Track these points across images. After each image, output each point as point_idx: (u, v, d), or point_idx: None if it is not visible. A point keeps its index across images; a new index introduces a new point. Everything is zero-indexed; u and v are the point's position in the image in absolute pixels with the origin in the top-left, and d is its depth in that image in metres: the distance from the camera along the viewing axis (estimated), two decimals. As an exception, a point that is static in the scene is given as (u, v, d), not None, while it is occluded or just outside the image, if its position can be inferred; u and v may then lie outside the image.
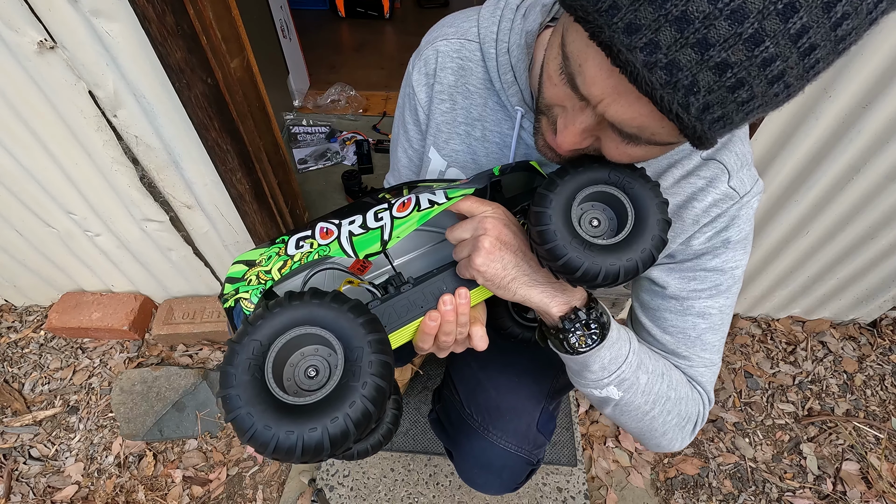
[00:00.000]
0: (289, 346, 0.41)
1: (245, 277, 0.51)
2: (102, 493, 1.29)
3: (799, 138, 1.03)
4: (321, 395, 0.40)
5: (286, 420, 0.38)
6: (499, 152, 0.65)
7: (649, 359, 0.59)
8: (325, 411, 0.38)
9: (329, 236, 0.52)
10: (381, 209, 0.54)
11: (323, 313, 0.42)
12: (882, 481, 1.27)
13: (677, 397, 0.60)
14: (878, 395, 1.46)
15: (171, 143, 1.07)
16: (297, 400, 0.39)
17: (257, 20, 1.96)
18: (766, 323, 1.61)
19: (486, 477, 0.83)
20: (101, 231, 1.33)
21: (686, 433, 0.63)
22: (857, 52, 0.86)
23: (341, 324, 0.42)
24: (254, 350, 0.40)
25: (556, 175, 0.49)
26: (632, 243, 0.46)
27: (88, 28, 0.86)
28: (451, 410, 0.87)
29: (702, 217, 0.57)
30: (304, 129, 2.30)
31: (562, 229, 0.46)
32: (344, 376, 0.40)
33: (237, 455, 1.35)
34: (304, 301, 0.42)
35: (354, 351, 0.41)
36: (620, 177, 0.47)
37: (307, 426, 0.38)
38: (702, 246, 0.59)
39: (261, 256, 0.52)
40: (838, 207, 1.18)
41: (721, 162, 0.56)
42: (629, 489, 1.28)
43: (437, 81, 0.65)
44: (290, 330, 0.41)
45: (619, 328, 0.56)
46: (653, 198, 0.47)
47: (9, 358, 1.58)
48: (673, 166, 0.58)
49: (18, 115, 1.01)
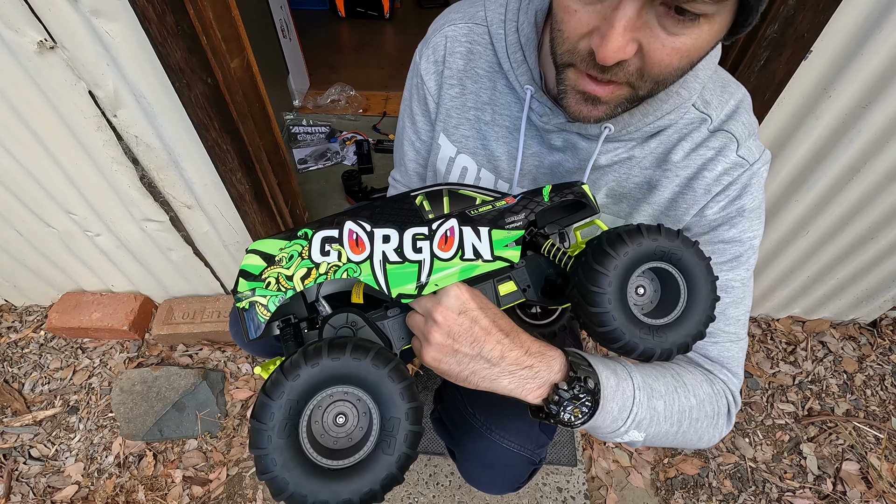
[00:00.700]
0: (324, 402, 0.41)
1: (263, 277, 0.47)
2: (102, 493, 1.29)
3: (799, 138, 1.03)
4: (354, 460, 0.40)
5: (320, 484, 0.39)
6: (508, 136, 0.65)
7: (657, 381, 0.56)
8: (358, 479, 0.40)
9: (360, 251, 0.49)
10: (421, 235, 0.50)
11: (364, 374, 0.41)
12: (882, 481, 1.27)
13: (699, 402, 0.58)
14: (878, 395, 1.46)
15: (171, 143, 1.07)
16: (331, 464, 0.40)
17: (257, 20, 1.96)
18: (766, 323, 1.61)
19: (489, 476, 0.83)
20: (101, 231, 1.33)
21: (721, 425, 0.61)
22: (857, 52, 0.86)
23: (381, 389, 0.41)
24: (290, 410, 0.40)
25: (609, 246, 0.45)
26: (683, 321, 0.46)
27: (88, 28, 0.86)
28: (453, 410, 0.87)
29: (713, 186, 0.57)
30: (304, 129, 2.30)
31: (619, 312, 0.44)
32: (378, 445, 0.40)
33: (237, 455, 1.35)
34: (346, 358, 0.41)
35: (391, 421, 0.41)
36: (673, 249, 0.46)
37: (340, 495, 0.39)
38: (716, 216, 0.59)
39: (281, 253, 0.48)
40: (838, 207, 1.18)
41: (729, 132, 0.57)
42: (629, 489, 1.28)
43: (446, 67, 0.65)
44: (328, 388, 0.41)
45: (612, 373, 0.52)
46: (706, 277, 0.46)
47: (9, 358, 1.58)
48: (683, 140, 0.58)
49: (18, 115, 1.01)
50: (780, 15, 0.79)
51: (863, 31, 0.84)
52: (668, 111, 0.56)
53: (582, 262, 0.46)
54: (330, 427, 0.41)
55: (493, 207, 0.53)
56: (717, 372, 0.62)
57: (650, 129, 0.58)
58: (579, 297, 0.46)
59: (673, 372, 0.59)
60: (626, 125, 0.58)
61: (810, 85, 0.93)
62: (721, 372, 0.62)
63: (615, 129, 0.57)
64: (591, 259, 0.45)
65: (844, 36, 0.85)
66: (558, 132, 0.61)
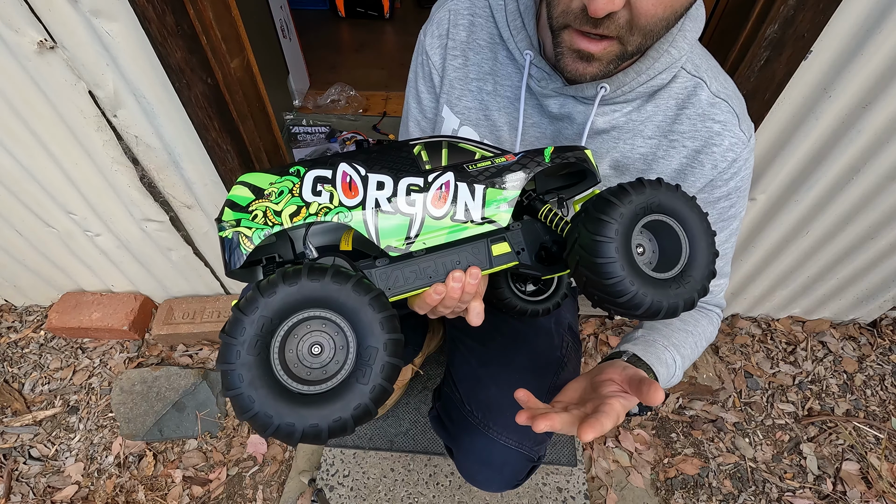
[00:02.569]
0: (300, 325, 0.39)
1: (250, 209, 0.45)
2: (102, 493, 1.29)
3: (799, 138, 1.03)
4: (326, 387, 0.38)
5: (287, 406, 0.37)
6: (510, 106, 0.68)
7: (685, 346, 0.68)
8: (328, 405, 0.38)
9: (353, 195, 0.47)
10: (416, 186, 0.48)
11: (343, 300, 0.39)
12: (882, 481, 1.27)
13: (707, 338, 0.73)
14: (878, 395, 1.46)
15: (171, 143, 1.07)
16: (301, 388, 0.38)
17: (257, 20, 1.96)
18: (766, 323, 1.61)
19: (487, 473, 0.83)
20: (101, 231, 1.33)
21: (714, 338, 0.77)
22: (857, 52, 0.86)
23: (360, 316, 0.39)
24: (263, 327, 0.38)
25: (613, 196, 0.44)
26: (686, 276, 0.45)
27: (88, 28, 0.86)
28: (451, 408, 0.87)
29: (720, 162, 0.62)
30: (304, 129, 2.30)
31: (626, 263, 0.42)
32: (352, 374, 0.39)
33: (237, 455, 1.35)
34: (325, 281, 0.39)
35: (369, 350, 0.39)
36: (675, 202, 0.46)
37: (308, 419, 0.37)
38: (723, 193, 0.66)
39: (271, 187, 0.46)
40: (838, 207, 1.18)
41: (728, 103, 0.61)
42: (629, 489, 1.28)
43: (450, 39, 0.68)
44: (305, 310, 0.39)
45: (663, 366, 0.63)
46: (706, 231, 0.46)
47: (9, 358, 1.58)
48: (685, 107, 0.62)
49: (18, 115, 1.01)
50: (780, 15, 0.79)
51: (863, 31, 0.84)
52: (660, 70, 0.59)
53: (583, 217, 0.45)
54: (304, 357, 0.39)
55: (492, 164, 0.51)
56: (711, 308, 0.76)
57: (645, 88, 0.60)
58: (582, 251, 0.44)
59: (690, 329, 0.71)
60: (621, 84, 0.60)
61: (810, 85, 0.93)
62: (713, 308, 0.76)
63: (610, 90, 0.60)
64: (594, 210, 0.44)
65: (844, 36, 0.85)
66: (556, 97, 0.63)
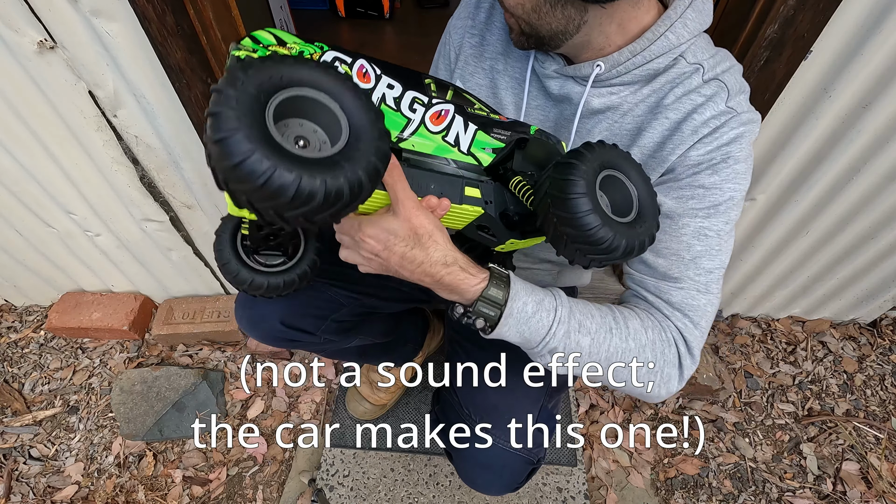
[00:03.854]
0: (297, 101, 0.39)
1: (269, 48, 0.46)
2: (102, 493, 1.29)
3: (799, 138, 1.03)
4: (321, 154, 0.38)
5: (283, 160, 0.34)
6: (517, 87, 0.71)
7: (591, 320, 0.59)
8: (324, 168, 0.36)
9: (366, 81, 0.50)
10: (419, 100, 0.53)
11: (342, 90, 0.40)
12: (882, 481, 1.27)
13: (639, 347, 0.59)
14: (878, 395, 1.46)
15: (171, 143, 1.07)
16: (296, 150, 0.36)
17: (257, 20, 1.97)
18: (766, 323, 1.61)
19: (487, 477, 0.83)
20: (101, 231, 1.33)
21: (670, 377, 0.61)
22: (857, 52, 0.86)
23: (355, 108, 0.40)
24: (262, 83, 0.36)
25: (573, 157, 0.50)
26: (642, 217, 0.52)
27: (88, 28, 0.86)
28: (449, 411, 0.87)
29: (701, 128, 0.59)
30: (304, 129, 2.30)
31: (598, 215, 0.48)
32: (346, 149, 0.39)
33: (237, 455, 1.35)
34: (328, 71, 0.40)
35: (362, 136, 0.40)
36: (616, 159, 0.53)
37: (305, 175, 0.35)
38: (701, 158, 0.59)
39: (294, 44, 0.48)
40: (838, 207, 1.18)
41: (723, 81, 0.60)
42: (629, 489, 1.28)
43: (472, 20, 0.73)
44: (307, 88, 0.39)
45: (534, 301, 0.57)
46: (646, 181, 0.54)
47: (9, 358, 1.58)
48: (675, 86, 0.61)
49: (18, 115, 1.01)
50: (780, 15, 0.79)
51: (863, 31, 0.84)
52: (656, 53, 0.59)
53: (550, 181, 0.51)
54: (291, 127, 0.40)
55: (487, 116, 0.57)
56: (674, 319, 0.62)
57: (641, 71, 0.61)
58: (560, 212, 0.49)
59: (617, 315, 0.60)
60: (616, 63, 0.60)
61: (810, 85, 0.93)
62: (679, 319, 0.61)
63: (605, 68, 0.61)
64: (557, 173, 0.50)
65: (844, 36, 0.85)
66: (556, 78, 0.66)
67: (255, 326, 0.86)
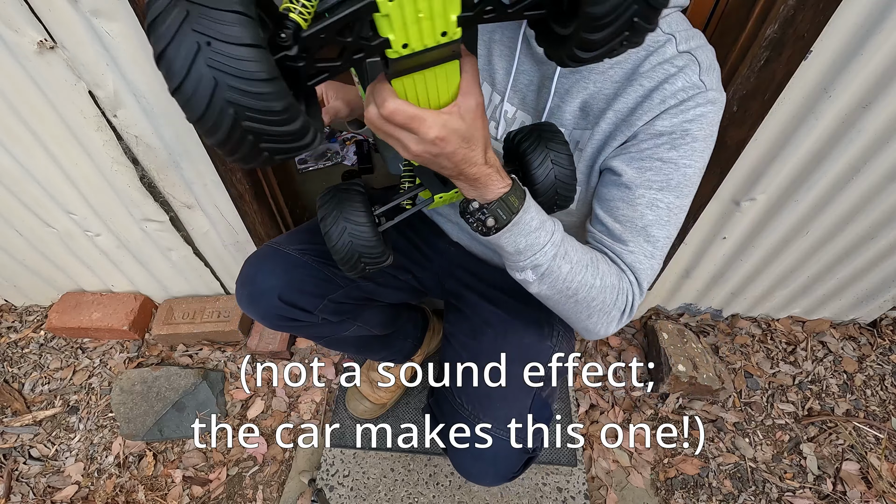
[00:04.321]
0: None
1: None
2: (102, 493, 1.29)
3: (799, 138, 1.03)
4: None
5: None
6: (510, 54, 0.73)
7: (576, 252, 0.65)
8: None
9: None
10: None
11: None
12: (882, 481, 1.27)
13: (603, 286, 0.66)
14: (878, 395, 1.46)
15: (171, 143, 1.07)
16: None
17: (257, 20, 1.96)
18: (766, 323, 1.61)
19: (481, 467, 0.82)
20: (101, 231, 1.33)
21: (615, 318, 0.69)
22: (857, 52, 0.86)
23: None
24: None
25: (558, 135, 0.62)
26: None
27: (88, 28, 0.86)
28: (442, 401, 0.88)
29: (669, 99, 0.63)
30: (304, 129, 2.29)
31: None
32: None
33: (237, 455, 1.35)
34: None
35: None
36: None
37: None
38: (663, 128, 0.64)
39: None
40: (838, 207, 1.18)
41: (694, 55, 0.63)
42: (629, 489, 1.28)
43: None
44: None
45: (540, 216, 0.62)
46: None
47: (9, 358, 1.58)
48: (651, 55, 0.64)
49: (18, 115, 1.01)
50: (780, 15, 0.79)
51: (863, 31, 0.84)
52: None
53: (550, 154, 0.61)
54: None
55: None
56: (627, 274, 0.70)
57: None
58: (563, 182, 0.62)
59: (595, 256, 0.67)
60: None
61: (810, 85, 0.93)
62: (630, 276, 0.69)
63: None
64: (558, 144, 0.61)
65: (844, 36, 0.85)
66: None
67: (255, 302, 0.88)
